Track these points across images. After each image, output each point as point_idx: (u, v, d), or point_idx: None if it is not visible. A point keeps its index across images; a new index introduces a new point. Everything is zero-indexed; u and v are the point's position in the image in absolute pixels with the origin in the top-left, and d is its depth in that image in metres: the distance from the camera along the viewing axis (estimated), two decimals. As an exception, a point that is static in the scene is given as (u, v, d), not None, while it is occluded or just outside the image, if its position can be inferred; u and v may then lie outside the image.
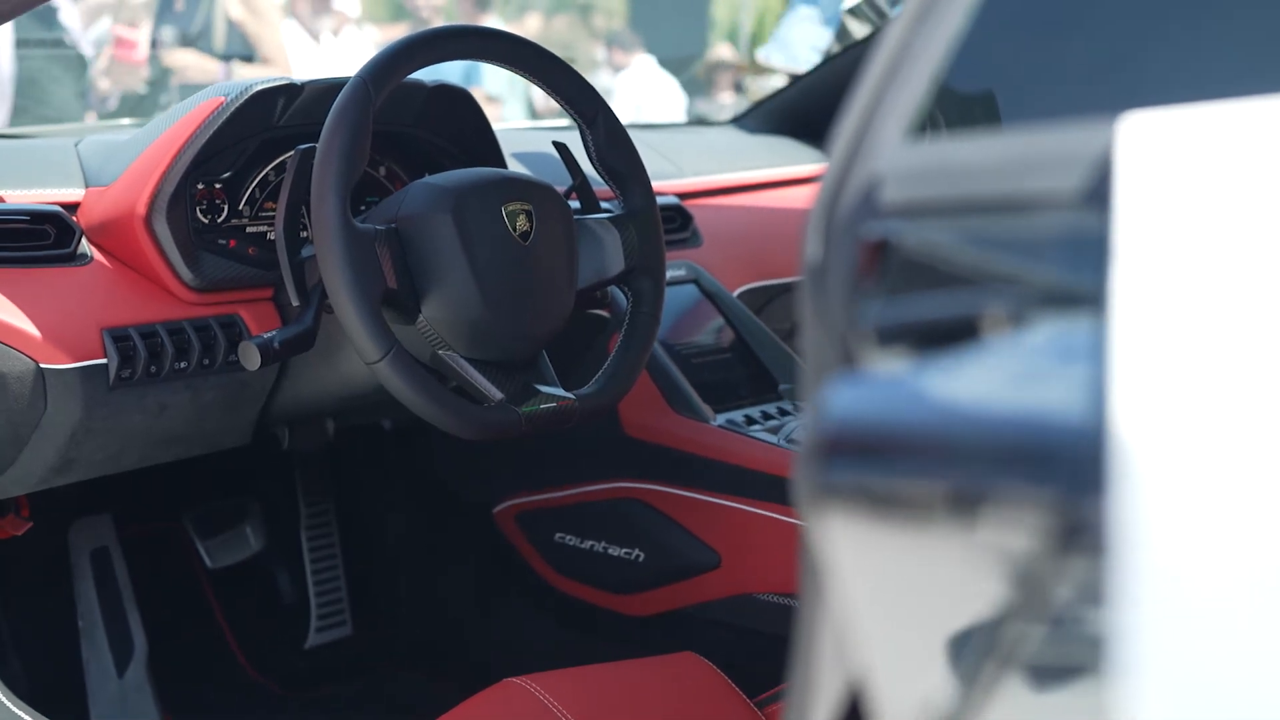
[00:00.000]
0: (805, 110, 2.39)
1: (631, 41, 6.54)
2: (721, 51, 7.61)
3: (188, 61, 3.96)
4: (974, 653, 0.38)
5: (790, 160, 2.25)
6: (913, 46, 0.58)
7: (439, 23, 5.43)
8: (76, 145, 1.50)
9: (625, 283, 1.42)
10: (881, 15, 2.38)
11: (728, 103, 7.23)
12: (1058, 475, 0.35)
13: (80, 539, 1.78)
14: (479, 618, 1.90)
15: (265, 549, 1.95)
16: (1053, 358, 0.38)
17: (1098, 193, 0.44)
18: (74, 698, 1.71)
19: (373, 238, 1.22)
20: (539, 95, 6.02)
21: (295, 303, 1.27)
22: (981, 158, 0.51)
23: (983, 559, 0.38)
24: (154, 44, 3.99)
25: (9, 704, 1.43)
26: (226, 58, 4.02)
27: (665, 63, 6.59)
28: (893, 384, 0.44)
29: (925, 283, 0.48)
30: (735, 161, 2.16)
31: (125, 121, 2.39)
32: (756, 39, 12.52)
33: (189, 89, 3.93)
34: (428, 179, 1.32)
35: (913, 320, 0.47)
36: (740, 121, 2.49)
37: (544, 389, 1.31)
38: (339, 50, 4.92)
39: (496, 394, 1.27)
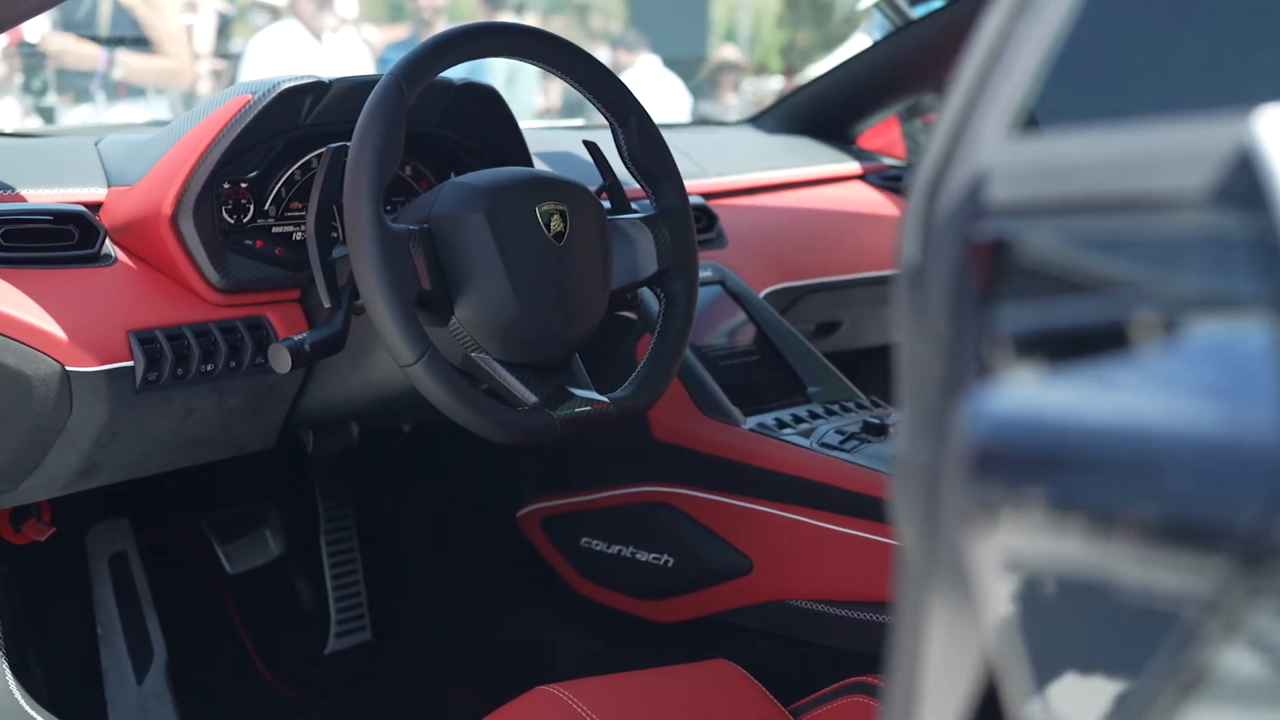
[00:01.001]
0: (823, 110, 2.38)
1: (636, 42, 6.52)
2: (726, 52, 7.60)
3: (65, 46, 3.61)
4: (1152, 679, 0.35)
5: (811, 160, 2.23)
6: (1013, 36, 0.56)
7: (441, 23, 5.40)
8: (97, 144, 1.48)
9: (658, 284, 1.40)
10: (900, 14, 2.36)
11: (732, 104, 7.22)
12: (1254, 490, 0.33)
13: (98, 543, 1.76)
14: (502, 624, 1.88)
15: (284, 553, 1.93)
16: (1226, 366, 0.35)
17: (1237, 189, 0.42)
18: (93, 705, 1.68)
19: (406, 238, 1.19)
20: (539, 96, 6.00)
21: (327, 304, 1.24)
22: (1097, 155, 0.49)
23: (1164, 579, 0.35)
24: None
25: (30, 710, 1.41)
26: (111, 44, 3.67)
27: (664, 63, 6.57)
28: (1049, 394, 0.42)
29: (1051, 286, 0.46)
30: (756, 161, 2.14)
31: (141, 120, 2.36)
32: (755, 40, 12.53)
33: (66, 76, 3.73)
34: (460, 178, 1.29)
35: (1049, 327, 0.45)
36: (757, 121, 2.48)
37: (578, 392, 1.29)
38: (336, 50, 4.87)
39: (530, 397, 1.25)
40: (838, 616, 1.45)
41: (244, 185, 1.39)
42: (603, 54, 6.97)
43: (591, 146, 1.43)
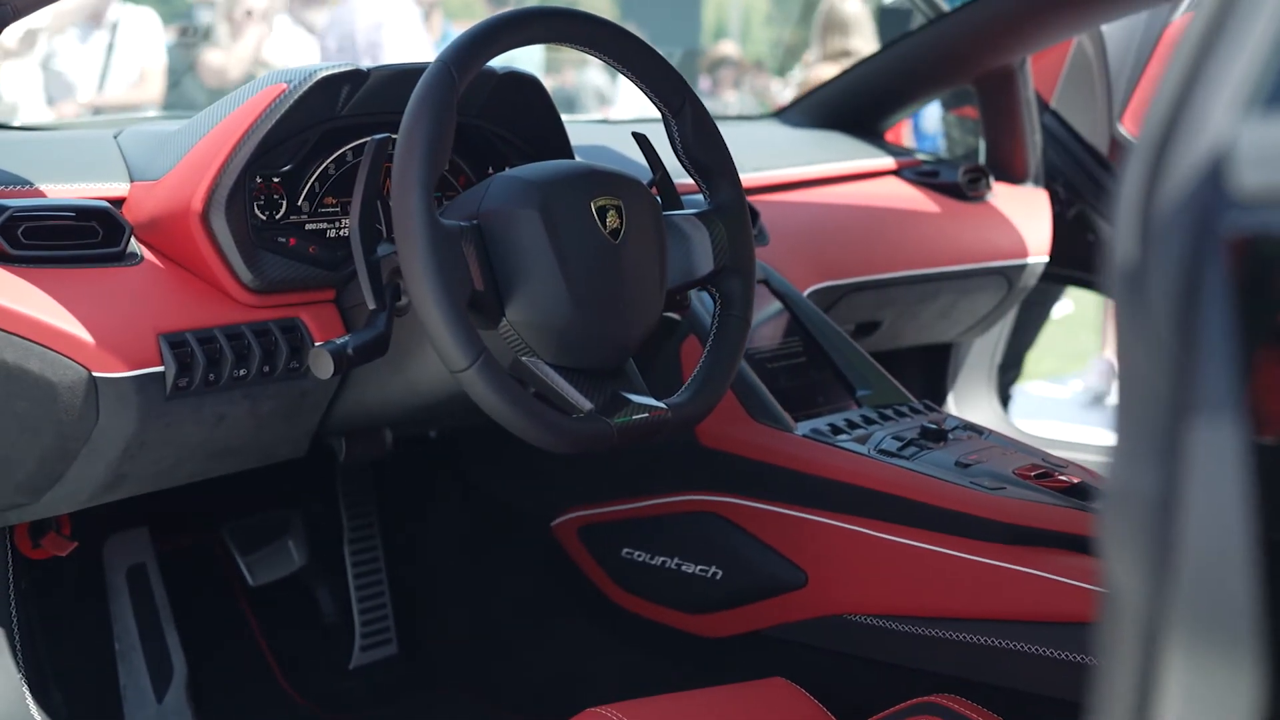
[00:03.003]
0: (852, 104, 2.31)
1: (637, 38, 6.44)
2: (725, 48, 7.52)
3: None
4: None
5: (845, 155, 2.16)
6: None
7: (438, 16, 5.32)
8: (116, 137, 1.40)
9: (713, 284, 1.33)
10: (933, 5, 2.29)
11: (731, 101, 7.14)
12: None
13: (116, 555, 1.68)
14: (535, 638, 1.81)
15: (307, 565, 1.85)
16: None
17: None
18: None
19: (459, 235, 1.12)
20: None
21: (372, 306, 1.17)
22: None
23: None
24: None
25: None
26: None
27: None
28: None
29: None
30: (790, 156, 2.08)
31: (152, 113, 2.28)
32: (744, 36, 12.48)
33: None
34: (510, 171, 1.22)
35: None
36: (783, 115, 2.41)
37: (635, 398, 1.21)
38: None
39: (585, 404, 1.18)
40: (900, 632, 1.39)
41: (276, 180, 1.31)
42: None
43: (641, 139, 1.36)
